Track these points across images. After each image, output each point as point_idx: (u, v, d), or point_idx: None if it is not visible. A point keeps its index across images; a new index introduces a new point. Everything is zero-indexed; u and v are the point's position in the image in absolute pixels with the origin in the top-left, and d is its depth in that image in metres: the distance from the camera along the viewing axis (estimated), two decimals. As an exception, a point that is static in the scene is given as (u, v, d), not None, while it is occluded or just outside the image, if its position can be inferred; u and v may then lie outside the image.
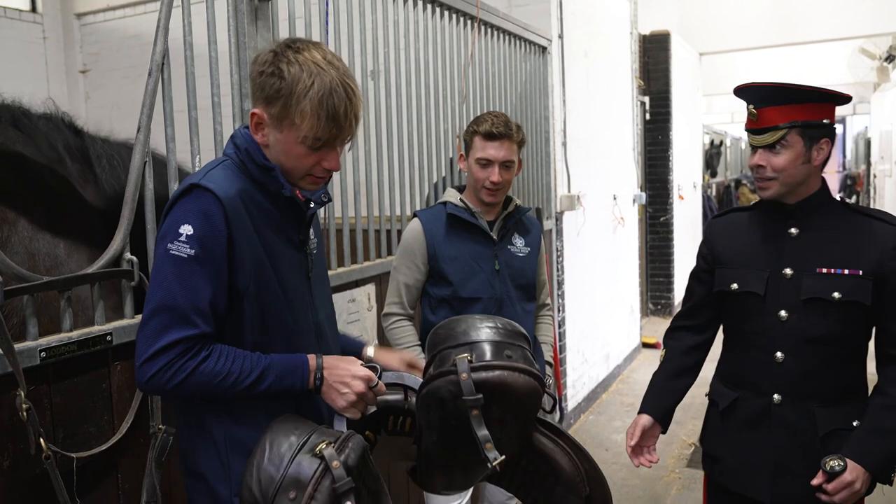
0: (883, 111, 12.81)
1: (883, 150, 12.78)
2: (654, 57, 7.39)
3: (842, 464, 1.71)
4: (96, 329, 1.73)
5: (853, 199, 16.03)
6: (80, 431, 1.68)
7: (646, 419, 2.01)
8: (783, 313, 1.82)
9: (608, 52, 5.61)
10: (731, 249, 1.96)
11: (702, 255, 2.06)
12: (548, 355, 2.59)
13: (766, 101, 1.78)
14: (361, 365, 1.47)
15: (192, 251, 1.34)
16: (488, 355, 1.43)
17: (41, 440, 1.53)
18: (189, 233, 1.34)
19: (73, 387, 1.67)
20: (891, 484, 1.77)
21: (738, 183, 14.94)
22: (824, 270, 1.80)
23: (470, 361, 1.41)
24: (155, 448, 1.76)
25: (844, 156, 18.18)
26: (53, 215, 2.06)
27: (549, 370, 2.59)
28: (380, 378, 1.48)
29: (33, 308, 1.61)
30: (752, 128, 1.82)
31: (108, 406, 1.75)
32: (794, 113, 1.76)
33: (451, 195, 2.44)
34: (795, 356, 1.82)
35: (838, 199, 1.91)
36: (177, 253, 1.34)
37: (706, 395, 2.06)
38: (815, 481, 1.74)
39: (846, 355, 1.83)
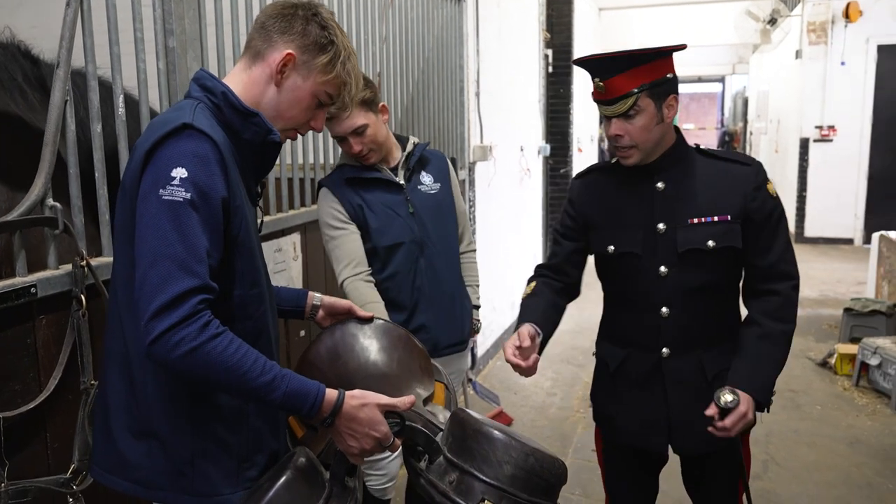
0: (761, 72, 13.57)
1: (759, 108, 13.58)
2: (557, 10, 7.47)
3: (735, 397, 1.76)
4: (19, 281, 1.60)
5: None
6: (4, 389, 1.57)
7: (530, 327, 1.87)
8: (663, 269, 1.85)
9: (519, 3, 5.62)
10: (600, 211, 1.95)
11: (568, 214, 2.04)
12: (474, 298, 2.60)
13: (611, 71, 1.77)
14: (385, 409, 1.38)
15: (188, 195, 1.23)
16: None
17: (-35, 400, 1.43)
18: (183, 176, 1.23)
19: (-4, 342, 1.55)
20: (768, 410, 1.85)
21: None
22: (695, 220, 1.83)
23: None
24: (87, 405, 1.68)
25: (723, 113, 19.15)
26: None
27: (476, 314, 2.61)
28: (401, 431, 1.40)
29: (-51, 258, 1.48)
30: (603, 99, 1.81)
31: (34, 362, 1.64)
32: (639, 76, 1.76)
33: (344, 158, 2.38)
34: (679, 309, 1.86)
35: (694, 146, 1.94)
36: (170, 198, 1.22)
37: (594, 355, 2.08)
38: (708, 412, 1.77)
39: (723, 298, 1.91)
